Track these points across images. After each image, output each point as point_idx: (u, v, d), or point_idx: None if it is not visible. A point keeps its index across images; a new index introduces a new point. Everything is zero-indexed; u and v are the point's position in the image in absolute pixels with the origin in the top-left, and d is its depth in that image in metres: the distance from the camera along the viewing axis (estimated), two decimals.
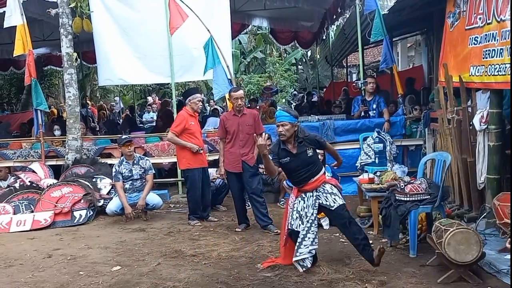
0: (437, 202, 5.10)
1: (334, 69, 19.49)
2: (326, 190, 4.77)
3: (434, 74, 11.05)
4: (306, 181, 4.77)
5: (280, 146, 4.79)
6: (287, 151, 4.76)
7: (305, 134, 4.83)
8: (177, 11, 8.13)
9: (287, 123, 4.69)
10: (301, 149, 4.76)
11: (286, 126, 4.70)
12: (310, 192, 4.78)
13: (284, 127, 4.70)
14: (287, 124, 4.69)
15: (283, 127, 4.70)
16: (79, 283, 4.71)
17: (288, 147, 4.76)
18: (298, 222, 4.77)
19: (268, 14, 14.11)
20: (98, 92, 24.47)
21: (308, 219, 4.75)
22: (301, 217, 4.76)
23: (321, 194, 4.77)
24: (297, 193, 4.84)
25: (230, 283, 4.53)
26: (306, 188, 4.79)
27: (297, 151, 4.75)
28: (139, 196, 7.12)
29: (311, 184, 4.78)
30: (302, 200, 4.80)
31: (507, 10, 4.74)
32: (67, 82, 8.66)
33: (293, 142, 4.76)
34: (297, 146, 4.76)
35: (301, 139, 4.76)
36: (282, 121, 4.71)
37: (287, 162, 4.78)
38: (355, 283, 4.36)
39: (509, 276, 4.20)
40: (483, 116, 5.50)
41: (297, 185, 4.86)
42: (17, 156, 9.02)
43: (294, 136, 4.75)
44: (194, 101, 6.90)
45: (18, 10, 8.46)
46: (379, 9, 8.32)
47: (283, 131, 4.70)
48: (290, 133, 4.71)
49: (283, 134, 4.71)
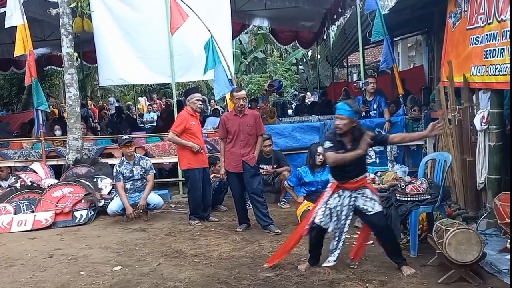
0: (438, 202, 5.09)
1: (334, 69, 19.48)
2: (366, 194, 4.64)
3: (434, 74, 11.07)
4: (349, 178, 4.61)
5: (336, 137, 4.62)
6: (343, 143, 4.59)
7: (362, 132, 4.62)
8: (177, 11, 8.13)
9: (346, 117, 4.50)
10: (354, 145, 4.56)
11: (344, 120, 4.51)
12: (349, 191, 4.64)
13: (342, 121, 4.51)
14: (345, 119, 4.50)
15: (341, 120, 4.52)
16: (80, 283, 4.71)
17: (344, 140, 4.59)
18: (327, 220, 4.66)
19: (268, 14, 14.11)
20: (99, 92, 24.48)
21: (342, 220, 4.64)
22: (331, 215, 4.65)
23: (360, 197, 4.63)
24: (335, 189, 4.67)
25: (231, 283, 4.53)
26: (347, 186, 4.63)
27: (351, 146, 4.57)
28: (140, 196, 7.12)
29: (353, 183, 4.62)
30: (338, 197, 4.66)
31: (507, 10, 4.74)
32: (68, 82, 8.66)
33: (349, 136, 4.58)
34: (353, 142, 4.58)
35: (357, 137, 4.57)
36: (340, 114, 4.53)
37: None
38: (356, 283, 4.36)
39: (510, 276, 4.20)
40: (484, 116, 5.51)
41: (338, 180, 4.67)
42: (18, 156, 9.02)
43: (351, 132, 4.57)
44: (193, 101, 6.90)
45: (19, 10, 8.45)
46: (380, 9, 8.32)
47: (340, 124, 4.52)
48: (346, 128, 4.53)
49: (339, 128, 4.54)
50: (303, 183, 6.57)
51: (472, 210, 5.88)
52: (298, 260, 5.04)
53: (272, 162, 7.99)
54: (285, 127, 8.66)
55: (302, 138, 8.51)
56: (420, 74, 13.60)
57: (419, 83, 12.16)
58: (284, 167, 7.94)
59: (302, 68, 28.89)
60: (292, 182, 6.65)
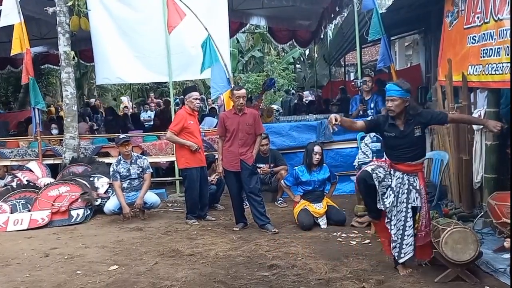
0: (435, 201, 5.11)
1: (332, 68, 19.50)
2: (415, 185, 4.45)
3: (431, 73, 11.08)
4: (404, 161, 4.41)
5: (388, 120, 4.45)
6: (395, 126, 4.42)
7: (417, 111, 4.45)
8: (175, 10, 8.11)
9: (397, 98, 4.33)
10: (409, 127, 4.39)
11: (396, 101, 4.33)
12: (400, 173, 4.44)
13: (393, 102, 4.34)
14: (397, 99, 4.33)
15: (392, 102, 4.34)
16: (76, 282, 4.70)
17: (397, 123, 4.41)
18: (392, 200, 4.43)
19: (266, 13, 14.10)
20: (96, 91, 24.43)
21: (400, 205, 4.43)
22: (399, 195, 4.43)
23: (410, 186, 4.43)
24: (389, 165, 4.48)
25: (227, 282, 4.53)
26: (400, 167, 4.43)
27: (404, 128, 4.40)
28: (137, 195, 7.11)
29: (407, 166, 4.42)
30: (390, 176, 4.47)
31: (504, 9, 4.75)
32: (65, 80, 8.65)
33: (402, 118, 4.40)
34: (406, 123, 4.40)
35: (411, 116, 4.38)
36: (392, 95, 4.35)
37: (390, 137, 4.45)
38: (352, 282, 4.36)
39: (506, 275, 4.21)
40: (481, 115, 5.51)
41: (391, 159, 4.48)
42: (14, 155, 9.01)
43: (404, 112, 4.39)
44: (190, 100, 6.89)
45: (15, 9, 8.43)
46: (377, 8, 8.33)
47: (392, 106, 4.34)
48: (400, 108, 4.35)
49: (392, 110, 4.36)
50: (300, 182, 6.56)
51: (469, 209, 5.89)
52: (295, 259, 5.04)
53: (269, 161, 7.99)
54: (282, 126, 8.66)
55: (299, 137, 8.51)
56: (417, 73, 13.61)
57: (416, 82, 12.16)
58: (281, 166, 7.95)
59: (299, 67, 28.90)
60: (289, 181, 6.64)
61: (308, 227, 6.22)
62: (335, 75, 23.90)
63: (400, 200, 4.44)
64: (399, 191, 4.41)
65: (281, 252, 5.29)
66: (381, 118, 4.57)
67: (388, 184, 4.45)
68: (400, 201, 4.44)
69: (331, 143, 8.40)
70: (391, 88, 4.38)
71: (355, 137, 8.25)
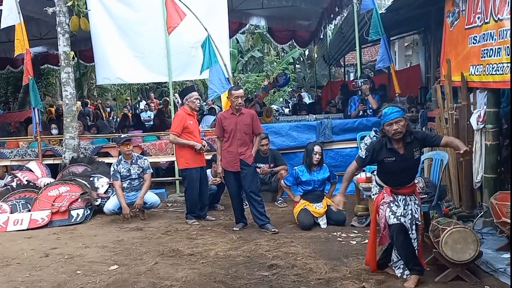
0: (434, 201, 5.10)
1: (331, 68, 19.51)
2: (416, 201, 4.40)
3: (431, 73, 11.10)
4: (403, 184, 4.33)
5: (386, 145, 4.27)
6: (394, 150, 4.26)
7: (415, 134, 4.33)
8: (174, 10, 8.11)
9: (402, 118, 4.17)
10: (409, 150, 4.26)
11: (401, 122, 4.16)
12: (403, 196, 4.34)
13: (399, 124, 4.15)
14: (402, 120, 4.16)
15: (397, 124, 4.15)
16: (76, 282, 4.70)
17: (396, 146, 4.25)
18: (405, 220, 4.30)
19: (265, 13, 14.11)
20: (96, 91, 24.44)
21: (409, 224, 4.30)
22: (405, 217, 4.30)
23: (412, 203, 4.36)
24: (390, 193, 4.35)
25: (227, 282, 4.53)
26: (402, 191, 4.33)
27: (404, 151, 4.26)
28: (137, 195, 7.11)
29: (407, 188, 4.35)
30: (396, 202, 4.33)
31: (504, 10, 4.75)
32: (64, 81, 8.65)
33: (402, 141, 4.25)
34: (405, 146, 4.26)
35: (410, 137, 4.24)
36: (396, 117, 4.15)
37: (390, 162, 4.26)
38: (352, 282, 4.36)
39: (506, 274, 4.21)
40: (480, 115, 5.52)
41: (392, 187, 4.36)
42: (14, 155, 9.01)
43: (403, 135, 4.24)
44: (192, 100, 6.89)
45: (15, 9, 8.43)
46: (377, 8, 8.35)
47: (399, 128, 4.15)
48: (405, 129, 4.19)
49: (399, 132, 4.17)
50: (300, 182, 6.57)
51: (468, 209, 5.89)
52: (295, 259, 5.04)
53: (269, 161, 7.99)
54: (282, 126, 8.66)
55: (299, 137, 8.51)
56: (417, 73, 13.63)
57: (416, 82, 12.19)
58: (281, 166, 7.95)
59: (299, 67, 28.91)
60: (289, 181, 6.65)
61: (308, 227, 6.23)
62: (335, 75, 23.91)
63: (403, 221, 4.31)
64: (404, 213, 4.31)
65: (281, 252, 5.29)
66: (376, 146, 4.35)
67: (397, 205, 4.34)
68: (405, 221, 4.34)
69: (331, 143, 8.40)
70: (393, 111, 4.19)
71: (355, 137, 8.26)
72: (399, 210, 4.29)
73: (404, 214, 4.29)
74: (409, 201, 4.35)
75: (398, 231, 4.28)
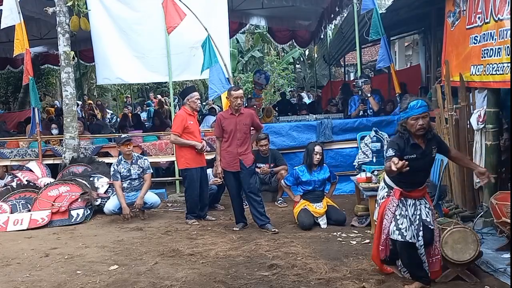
0: (435, 201, 5.10)
1: (332, 68, 19.52)
2: (427, 204, 4.20)
3: (431, 73, 11.10)
4: (417, 186, 4.14)
5: (409, 141, 4.04)
6: (417, 146, 4.04)
7: (434, 132, 4.20)
8: (174, 10, 8.12)
9: (428, 114, 4.01)
10: (429, 146, 4.07)
11: (427, 117, 3.98)
12: (412, 200, 4.16)
13: (425, 119, 3.96)
14: (427, 116, 3.99)
15: (423, 119, 3.95)
16: (76, 282, 4.70)
17: (418, 141, 4.05)
18: (413, 233, 4.09)
19: (265, 13, 14.11)
20: (96, 91, 24.44)
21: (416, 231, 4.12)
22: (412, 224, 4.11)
23: (423, 207, 4.17)
24: (399, 196, 4.14)
25: (227, 282, 4.53)
26: (412, 195, 4.15)
27: (425, 147, 4.06)
28: (137, 195, 7.11)
29: (419, 191, 4.17)
30: (404, 207, 4.14)
31: (504, 10, 4.76)
32: (64, 80, 8.65)
33: (423, 136, 4.05)
34: (426, 142, 4.06)
35: (431, 135, 4.07)
36: (424, 112, 3.95)
37: (411, 160, 3.93)
38: (352, 282, 4.36)
39: (506, 274, 4.21)
40: (480, 115, 5.52)
41: (403, 188, 4.14)
42: (14, 155, 9.01)
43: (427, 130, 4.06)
44: (193, 100, 6.89)
45: (15, 9, 8.43)
46: (377, 8, 8.35)
47: (424, 123, 3.96)
48: (428, 124, 4.01)
49: (424, 128, 3.97)
50: (300, 182, 6.56)
51: (469, 209, 5.89)
52: (295, 259, 5.04)
53: (269, 161, 8.00)
54: (282, 126, 8.66)
55: (299, 137, 8.52)
56: (417, 73, 13.63)
57: (416, 82, 12.18)
58: (281, 166, 7.95)
59: (299, 67, 28.90)
60: (289, 181, 6.65)
61: (308, 227, 6.22)
62: (335, 75, 23.92)
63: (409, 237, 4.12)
64: (413, 219, 4.13)
65: (281, 252, 5.29)
66: (400, 142, 4.07)
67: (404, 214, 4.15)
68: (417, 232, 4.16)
69: (331, 143, 8.41)
70: (422, 105, 3.97)
71: (355, 137, 8.26)
72: (405, 222, 4.09)
73: (412, 221, 4.10)
74: (418, 205, 4.15)
75: (402, 249, 4.15)
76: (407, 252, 4.14)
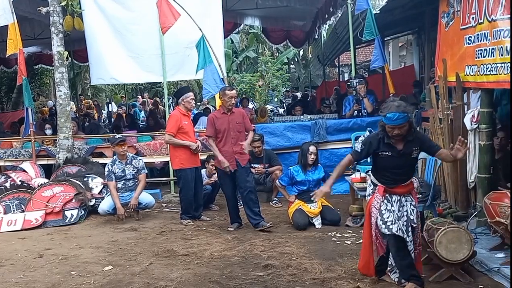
0: (429, 201, 5.12)
1: (326, 68, 19.54)
2: (412, 202, 4.22)
3: (425, 73, 11.14)
4: (398, 183, 4.17)
5: (384, 140, 4.13)
6: (391, 146, 4.11)
7: (417, 133, 4.24)
8: (169, 10, 8.11)
9: (406, 124, 4.01)
10: (409, 147, 4.11)
11: (404, 127, 4.02)
12: (398, 196, 4.18)
13: (402, 129, 4.02)
14: (405, 126, 4.02)
15: (400, 129, 4.01)
16: (70, 283, 4.68)
17: (392, 141, 4.11)
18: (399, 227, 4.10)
19: (260, 13, 14.12)
20: (90, 91, 24.35)
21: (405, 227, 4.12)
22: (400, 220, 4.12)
23: (408, 204, 4.19)
24: (383, 193, 4.19)
25: (222, 282, 4.53)
26: (396, 191, 4.18)
27: (403, 147, 4.10)
28: (132, 195, 7.09)
29: (403, 187, 4.19)
30: (389, 203, 4.17)
31: (497, 10, 4.78)
32: (58, 81, 8.62)
33: (402, 138, 4.10)
34: (406, 143, 4.11)
35: (412, 137, 4.11)
36: (400, 124, 3.98)
37: (385, 157, 4.12)
38: (347, 282, 4.37)
39: (499, 274, 4.24)
40: (474, 115, 5.54)
41: (386, 185, 4.20)
42: (8, 155, 8.98)
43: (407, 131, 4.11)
44: (188, 100, 6.89)
45: (9, 9, 8.39)
46: (371, 8, 8.37)
47: (401, 132, 4.02)
48: (406, 131, 4.06)
49: (400, 135, 4.04)
50: (294, 182, 6.57)
51: (463, 209, 5.92)
52: (290, 259, 5.05)
53: (264, 161, 8.00)
54: (277, 126, 8.67)
55: (293, 137, 8.52)
56: (411, 73, 13.68)
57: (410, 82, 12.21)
58: (276, 166, 7.95)
59: (293, 67, 28.93)
60: (283, 181, 6.65)
61: (303, 227, 6.23)
62: (329, 75, 23.95)
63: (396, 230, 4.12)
64: (399, 215, 4.14)
65: (276, 252, 5.29)
66: (372, 139, 4.20)
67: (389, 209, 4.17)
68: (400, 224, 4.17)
69: (325, 143, 8.41)
70: (399, 117, 3.95)
71: (350, 137, 8.28)
72: (391, 216, 4.12)
73: (399, 216, 4.12)
74: (404, 202, 4.17)
75: (391, 243, 4.15)
76: (396, 246, 4.13)
